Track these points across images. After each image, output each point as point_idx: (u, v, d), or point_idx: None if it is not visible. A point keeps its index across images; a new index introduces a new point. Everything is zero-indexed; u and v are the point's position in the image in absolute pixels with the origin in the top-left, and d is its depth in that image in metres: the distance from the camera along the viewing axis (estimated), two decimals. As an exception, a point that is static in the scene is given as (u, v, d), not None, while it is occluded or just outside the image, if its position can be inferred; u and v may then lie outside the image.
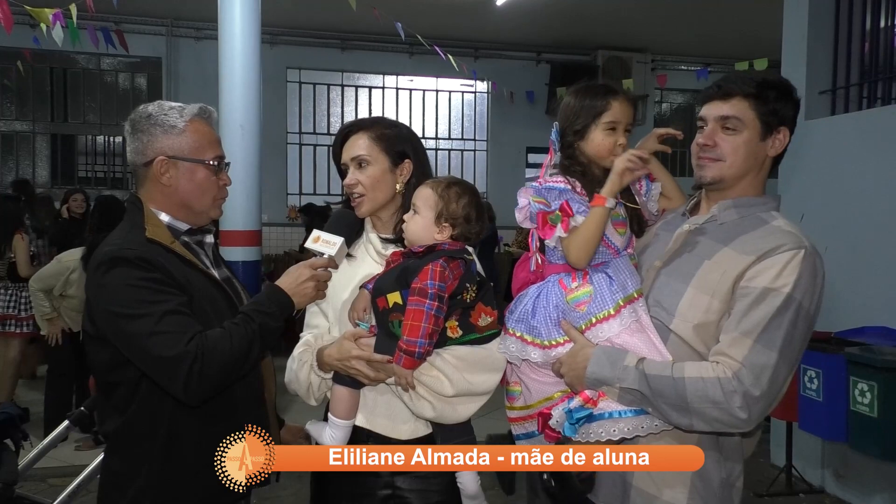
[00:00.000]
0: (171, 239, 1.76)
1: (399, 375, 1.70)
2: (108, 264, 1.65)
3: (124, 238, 1.73)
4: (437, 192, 1.82)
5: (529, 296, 1.78)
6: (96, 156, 10.76)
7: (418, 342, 1.66)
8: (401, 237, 1.93)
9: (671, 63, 11.28)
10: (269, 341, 1.74)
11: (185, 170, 1.79)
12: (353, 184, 1.91)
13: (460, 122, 11.48)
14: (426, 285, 1.67)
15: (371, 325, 1.79)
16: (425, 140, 11.11)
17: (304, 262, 1.82)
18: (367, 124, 1.95)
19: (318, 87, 10.91)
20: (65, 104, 10.48)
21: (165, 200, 1.81)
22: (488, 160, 11.43)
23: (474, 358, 1.76)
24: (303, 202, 9.87)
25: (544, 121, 11.00)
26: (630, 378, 1.60)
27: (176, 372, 1.58)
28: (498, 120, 11.19)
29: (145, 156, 1.79)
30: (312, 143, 10.90)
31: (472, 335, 1.76)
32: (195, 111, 1.82)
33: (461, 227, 1.81)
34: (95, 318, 1.69)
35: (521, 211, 1.78)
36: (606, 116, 1.79)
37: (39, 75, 10.14)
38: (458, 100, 11.47)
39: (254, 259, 4.58)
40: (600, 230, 1.70)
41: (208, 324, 1.67)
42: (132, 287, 1.62)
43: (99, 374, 1.78)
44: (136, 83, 10.58)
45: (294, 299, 1.77)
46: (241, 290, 1.96)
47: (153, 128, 1.78)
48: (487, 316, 1.78)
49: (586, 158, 1.80)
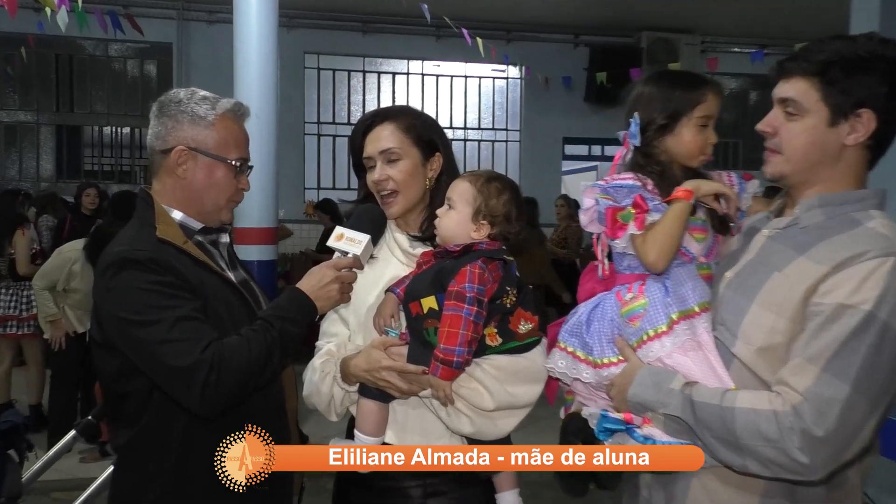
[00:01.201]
0: (184, 239, 1.77)
1: (436, 388, 1.69)
2: (117, 266, 1.66)
3: (134, 238, 1.73)
4: (476, 186, 1.79)
5: (586, 307, 1.73)
6: (103, 148, 10.93)
7: (456, 351, 1.64)
8: (429, 236, 1.92)
9: (723, 45, 11.12)
10: (289, 349, 1.73)
11: (204, 165, 1.80)
12: (384, 180, 1.89)
13: (491, 111, 11.44)
14: (464, 288, 1.65)
15: (401, 332, 1.78)
16: (452, 130, 11.12)
17: (327, 263, 1.80)
18: (394, 113, 1.94)
19: (338, 73, 10.95)
20: (70, 93, 10.66)
21: (178, 194, 1.81)
22: (521, 152, 11.38)
23: (515, 368, 1.74)
24: (321, 197, 9.91)
25: (582, 109, 10.92)
26: (674, 403, 1.52)
27: (190, 382, 1.58)
28: (532, 108, 11.13)
29: (165, 142, 1.80)
30: (331, 133, 10.95)
31: (513, 343, 1.74)
32: (228, 106, 1.83)
33: (500, 226, 1.79)
34: (103, 324, 1.69)
35: (586, 213, 1.72)
36: (700, 110, 1.70)
37: (44, 62, 10.32)
38: (489, 86, 11.42)
39: (269, 258, 4.61)
40: (682, 226, 1.62)
41: (224, 330, 1.67)
42: (143, 291, 1.62)
43: (107, 384, 1.78)
44: (146, 70, 10.72)
45: (317, 303, 1.76)
46: (259, 293, 1.96)
47: (181, 115, 1.79)
48: (528, 322, 1.76)
49: (668, 157, 1.72)
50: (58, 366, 5.38)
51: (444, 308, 1.67)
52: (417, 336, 1.73)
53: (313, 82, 10.84)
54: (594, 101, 10.71)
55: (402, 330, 1.78)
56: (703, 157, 1.72)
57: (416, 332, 1.74)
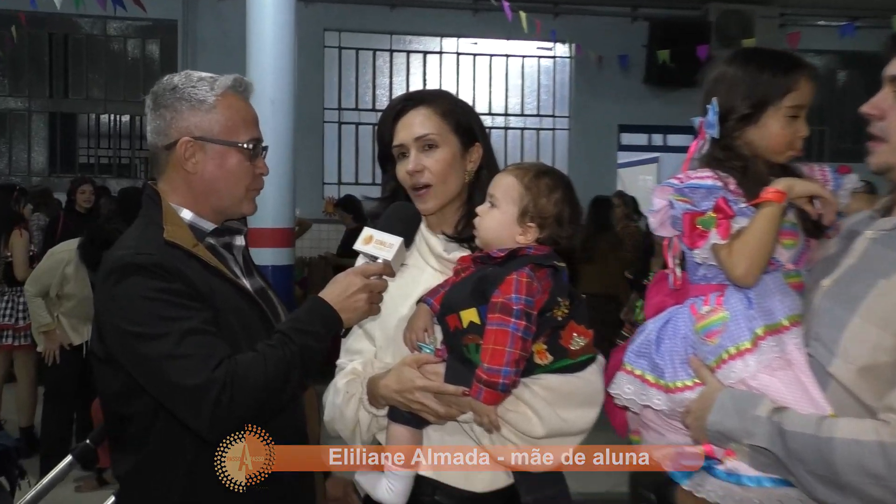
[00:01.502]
0: (194, 241, 1.78)
1: (479, 412, 1.68)
2: (120, 272, 1.67)
3: (139, 240, 1.75)
4: (524, 182, 1.78)
5: (655, 323, 1.72)
6: (100, 138, 11.15)
7: (502, 371, 1.63)
8: (465, 238, 1.92)
9: (805, 17, 10.95)
10: (311, 367, 1.73)
11: (214, 154, 1.81)
12: (419, 170, 1.88)
13: (536, 95, 11.42)
14: (510, 300, 1.65)
15: (437, 349, 1.78)
16: (492, 117, 11.13)
17: (353, 269, 1.80)
18: (429, 97, 1.94)
19: (362, 52, 11.02)
20: (65, 77, 10.89)
21: (188, 192, 1.83)
22: (570, 142, 11.33)
23: (568, 389, 1.74)
24: (342, 193, 9.98)
25: (641, 92, 10.83)
26: (761, 433, 1.49)
27: (200, 404, 1.59)
28: (583, 92, 11.08)
29: (167, 136, 1.81)
30: (354, 121, 11.02)
31: (564, 361, 1.74)
32: (228, 83, 1.84)
33: (550, 229, 1.78)
34: (105, 336, 1.72)
35: (656, 214, 1.71)
36: (791, 99, 1.67)
37: (36, 43, 10.58)
38: (534, 67, 11.41)
39: (285, 263, 4.65)
40: (774, 234, 1.59)
41: (238, 345, 1.69)
42: (148, 300, 1.64)
43: (109, 403, 1.81)
44: (148, 51, 10.92)
45: (342, 315, 1.75)
46: (277, 303, 1.97)
47: (178, 103, 1.80)
48: (581, 337, 1.76)
49: (751, 151, 1.69)
50: (52, 382, 5.46)
51: (487, 322, 1.67)
52: (456, 353, 1.73)
53: (334, 63, 10.93)
54: (655, 83, 10.61)
55: (438, 345, 1.79)
56: (791, 152, 1.70)
57: (455, 348, 1.73)
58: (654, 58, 10.13)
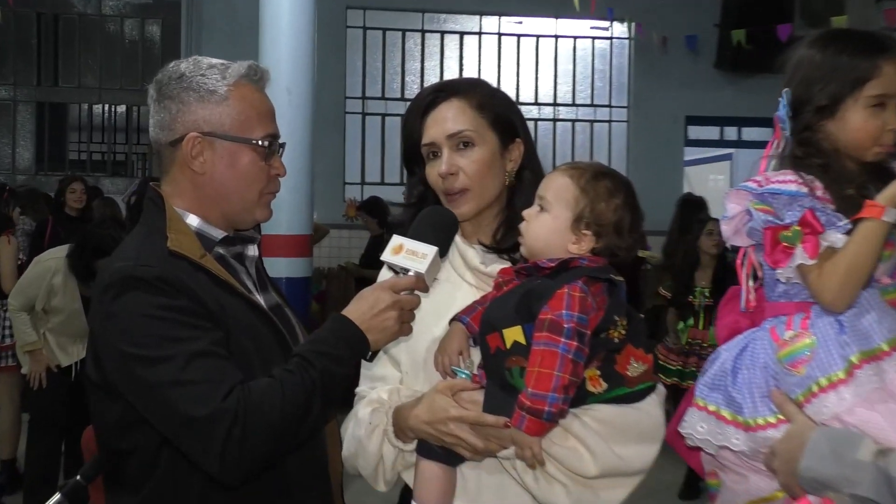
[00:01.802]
0: (202, 251, 1.79)
1: (521, 445, 1.68)
2: (119, 287, 1.68)
3: (140, 250, 1.76)
4: (580, 184, 1.79)
5: (730, 351, 1.72)
6: (92, 131, 11.36)
7: (549, 398, 1.63)
8: (505, 248, 1.92)
9: (905, -9, 10.83)
10: (334, 395, 1.73)
11: (225, 152, 1.82)
12: (453, 172, 1.90)
13: (589, 82, 11.40)
14: (560, 317, 1.65)
15: (474, 374, 1.78)
16: (538, 108, 11.14)
17: (382, 283, 1.81)
18: (463, 87, 1.96)
19: (390, 33, 11.10)
20: (55, 62, 11.11)
21: (195, 195, 1.84)
22: (629, 136, 11.30)
23: (624, 422, 1.75)
24: (366, 195, 10.03)
25: (712, 79, 10.77)
26: (865, 481, 1.47)
27: (209, 437, 1.59)
28: (644, 78, 11.05)
29: (173, 131, 1.82)
30: (380, 111, 11.09)
31: (620, 389, 1.74)
32: (242, 71, 1.85)
33: (608, 239, 1.78)
34: (102, 359, 1.72)
35: (730, 222, 1.71)
36: (873, 87, 1.68)
37: (23, 24, 10.82)
38: (587, 49, 11.40)
39: (302, 275, 4.69)
40: (874, 256, 1.58)
41: (251, 370, 1.69)
42: (150, 319, 1.65)
43: (105, 436, 1.82)
44: (148, 33, 11.10)
45: (369, 335, 1.75)
46: (294, 322, 1.98)
47: (186, 93, 1.82)
48: (640, 362, 1.76)
49: (833, 146, 1.70)
50: (37, 409, 5.51)
51: (533, 342, 1.67)
52: (497, 378, 1.73)
53: (357, 46, 11.01)
54: (728, 69, 10.56)
55: (475, 370, 1.79)
56: (878, 148, 1.68)
57: (496, 372, 1.73)
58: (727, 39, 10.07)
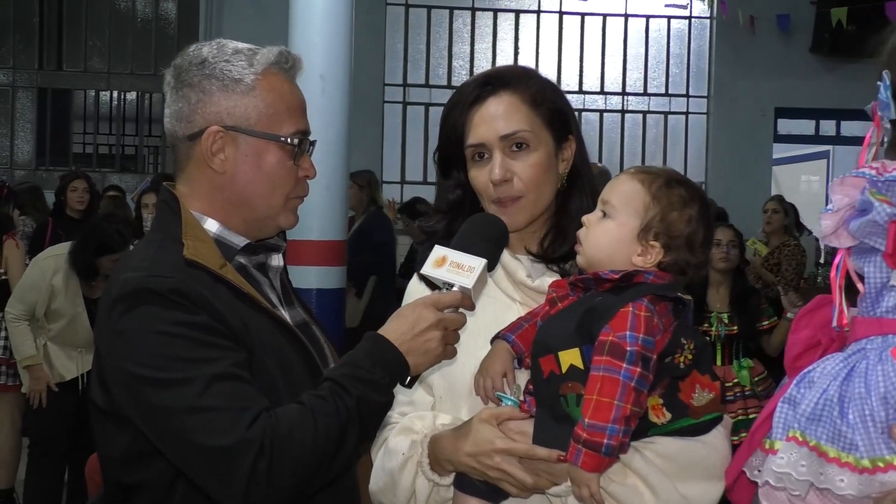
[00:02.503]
0: (222, 261, 1.81)
1: (577, 482, 1.68)
2: (129, 301, 1.69)
3: (153, 259, 1.78)
4: (651, 190, 1.79)
5: (828, 375, 1.69)
6: (99, 121, 11.53)
7: (608, 429, 1.63)
8: (555, 258, 1.94)
9: None
10: (371, 426, 1.75)
11: (249, 149, 1.84)
12: (507, 179, 1.91)
13: (664, 68, 11.38)
14: (623, 339, 1.65)
15: (521, 400, 1.79)
16: (605, 97, 11.12)
17: (424, 299, 1.81)
18: (513, 78, 1.97)
19: (435, 11, 11.17)
20: (58, 44, 11.30)
21: (214, 196, 1.86)
22: (710, 129, 11.26)
23: (690, 457, 1.76)
24: (406, 195, 10.08)
25: (808, 65, 10.67)
26: None
27: (231, 471, 1.60)
28: (728, 64, 11.00)
29: (191, 124, 1.84)
30: (423, 100, 11.17)
31: (685, 421, 1.75)
32: (272, 58, 1.86)
33: (678, 253, 1.79)
34: (108, 382, 1.74)
35: (832, 216, 1.68)
36: None
37: (23, 0, 10.99)
38: (662, 30, 11.37)
39: (335, 286, 4.72)
40: None
41: (277, 395, 1.71)
42: (164, 336, 1.66)
43: (112, 468, 1.82)
44: (162, 11, 11.26)
45: (409, 358, 1.75)
46: (323, 341, 2.00)
47: (208, 81, 1.83)
48: (706, 391, 1.77)
49: None
50: (38, 433, 5.57)
51: (592, 367, 1.68)
52: (549, 406, 1.74)
53: (398, 25, 11.10)
54: (826, 53, 10.50)
55: (521, 396, 1.80)
56: None
57: (548, 400, 1.74)
58: (825, 18, 9.98)
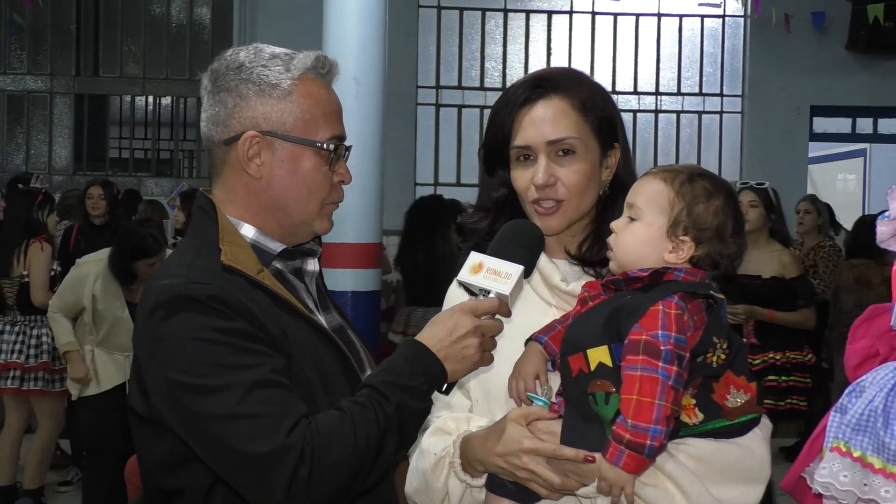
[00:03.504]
0: (259, 266, 1.81)
1: (613, 481, 1.67)
2: (168, 307, 1.70)
3: (190, 265, 1.78)
4: (674, 186, 1.80)
5: (876, 385, 1.69)
6: (135, 126, 11.62)
7: (651, 431, 1.63)
8: (592, 261, 1.94)
9: None
10: (409, 433, 1.75)
11: (285, 155, 1.85)
12: (551, 184, 1.91)
13: (697, 67, 11.31)
14: (657, 338, 1.65)
15: (552, 402, 1.80)
16: (639, 97, 11.07)
17: (461, 306, 1.81)
18: (565, 83, 1.96)
19: (468, 13, 11.14)
20: (95, 50, 11.41)
21: (251, 202, 1.87)
22: (744, 129, 11.18)
23: (723, 460, 1.75)
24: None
25: (843, 62, 10.57)
26: None
27: (272, 478, 1.60)
28: (762, 62, 10.92)
29: (228, 128, 1.85)
30: (457, 102, 11.15)
31: (719, 422, 1.75)
32: (308, 63, 1.87)
33: (708, 246, 1.78)
34: (148, 389, 1.75)
35: (890, 223, 1.68)
36: None
37: (60, 6, 11.11)
38: (695, 30, 11.30)
39: (370, 289, 4.71)
40: None
41: (315, 402, 1.72)
42: (203, 343, 1.67)
43: (152, 475, 1.84)
44: (197, 16, 11.34)
45: (446, 365, 1.75)
46: (359, 346, 2.01)
47: (244, 86, 1.84)
48: (741, 392, 1.75)
49: None
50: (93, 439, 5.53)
51: (626, 366, 1.67)
52: (577, 405, 1.74)
53: (431, 27, 11.08)
54: (862, 50, 10.39)
55: (553, 398, 1.80)
56: None
57: (577, 399, 1.74)
58: (861, 15, 9.90)
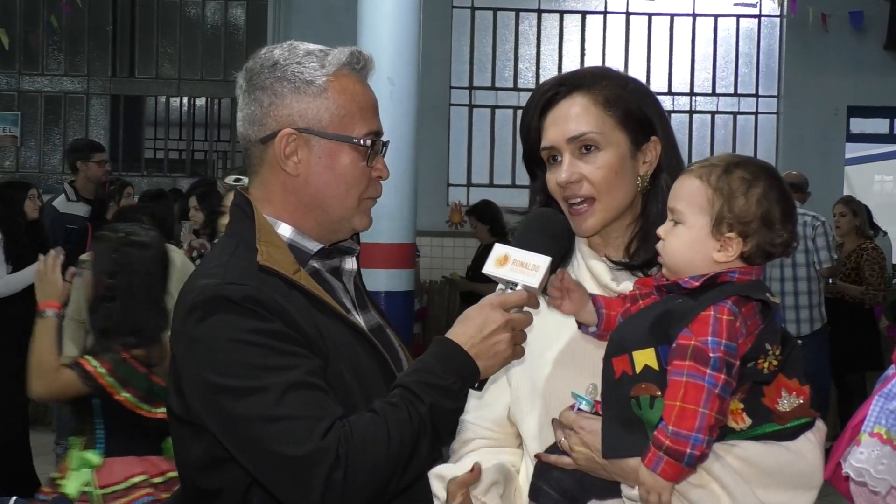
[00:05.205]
0: (296, 266, 1.81)
1: (649, 486, 1.66)
2: (205, 308, 1.70)
3: (227, 266, 1.78)
4: (710, 181, 1.76)
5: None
6: (170, 127, 11.71)
7: (692, 438, 1.61)
8: (638, 265, 1.93)
9: None
10: (443, 432, 1.75)
11: (322, 151, 1.84)
12: (574, 181, 1.90)
13: (732, 68, 11.24)
14: (706, 344, 1.63)
15: (596, 400, 1.78)
16: (673, 98, 11.03)
17: (490, 300, 1.79)
18: (588, 80, 1.94)
19: (502, 14, 11.14)
20: (131, 51, 11.53)
21: (288, 200, 1.86)
22: (780, 130, 11.10)
23: (772, 463, 1.72)
24: (472, 198, 10.06)
25: (881, 62, 10.47)
26: None
27: (307, 481, 1.61)
28: (799, 63, 10.83)
29: (264, 126, 1.85)
30: (489, 103, 11.14)
31: (768, 426, 1.72)
32: (343, 59, 1.87)
33: (756, 237, 1.74)
34: (185, 389, 1.76)
35: None
36: None
37: (97, 8, 11.20)
38: (730, 30, 11.24)
39: (404, 289, 4.73)
40: None
41: (351, 403, 1.72)
42: (240, 344, 1.67)
43: (188, 475, 1.85)
44: (231, 16, 11.41)
45: (478, 362, 1.73)
46: (397, 346, 2.00)
47: (280, 84, 1.84)
48: (794, 395, 1.73)
49: None
50: None
51: (672, 370, 1.65)
52: (618, 407, 1.72)
53: (464, 28, 11.08)
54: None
55: (598, 396, 1.77)
56: None
57: (617, 402, 1.72)
58: (899, 16, 9.82)
